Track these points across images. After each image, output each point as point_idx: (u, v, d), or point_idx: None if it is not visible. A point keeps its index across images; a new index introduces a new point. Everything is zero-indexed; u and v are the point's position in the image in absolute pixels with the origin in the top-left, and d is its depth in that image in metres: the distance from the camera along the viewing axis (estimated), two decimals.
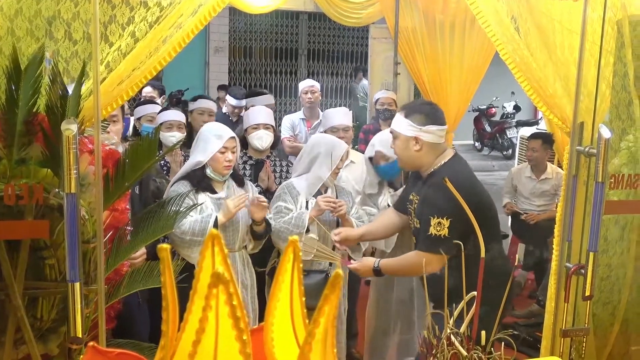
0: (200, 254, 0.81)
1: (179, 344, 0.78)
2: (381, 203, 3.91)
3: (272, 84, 11.77)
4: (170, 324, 0.75)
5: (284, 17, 11.59)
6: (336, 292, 0.70)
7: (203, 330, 0.70)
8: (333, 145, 3.71)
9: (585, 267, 2.87)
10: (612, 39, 2.98)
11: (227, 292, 0.68)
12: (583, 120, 2.88)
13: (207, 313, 0.69)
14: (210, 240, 0.80)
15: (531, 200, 5.75)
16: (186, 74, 10.37)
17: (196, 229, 3.36)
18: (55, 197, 2.46)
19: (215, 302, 0.69)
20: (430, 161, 3.04)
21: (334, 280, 0.69)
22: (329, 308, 0.69)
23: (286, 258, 0.81)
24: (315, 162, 3.67)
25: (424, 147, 3.00)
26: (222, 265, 0.82)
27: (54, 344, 2.73)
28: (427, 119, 3.00)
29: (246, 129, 4.22)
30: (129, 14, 2.57)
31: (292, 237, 0.80)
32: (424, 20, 5.45)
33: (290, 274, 0.81)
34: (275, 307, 0.82)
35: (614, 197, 3.10)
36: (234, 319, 0.69)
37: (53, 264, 2.60)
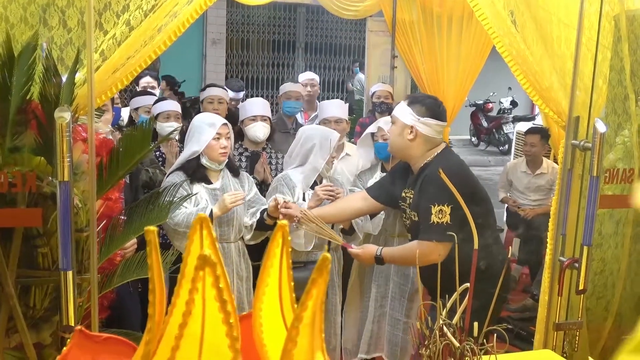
0: (188, 238, 0.80)
1: (166, 327, 0.78)
2: (369, 184, 3.93)
3: (269, 76, 11.74)
4: (157, 307, 0.74)
5: (281, 9, 11.55)
6: (324, 275, 0.69)
7: (189, 312, 0.69)
8: (326, 135, 3.72)
9: (579, 261, 2.87)
10: (609, 33, 2.97)
11: (214, 275, 0.68)
12: (579, 114, 2.88)
13: (194, 295, 0.68)
14: (199, 224, 0.79)
15: (526, 194, 5.76)
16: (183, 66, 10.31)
17: (191, 221, 3.35)
18: (48, 185, 2.45)
19: (201, 284, 0.69)
20: (419, 153, 3.08)
21: (322, 264, 0.68)
22: (317, 292, 0.69)
23: (275, 243, 0.81)
24: (311, 153, 3.68)
25: (417, 138, 3.05)
26: (210, 249, 0.81)
27: (46, 332, 2.72)
28: (428, 111, 3.04)
29: (242, 121, 4.22)
30: (124, 2, 2.56)
31: (280, 221, 0.80)
32: (421, 14, 5.45)
33: (279, 259, 0.80)
34: (264, 293, 0.81)
35: (608, 191, 3.10)
36: (221, 302, 0.68)
37: (46, 253, 2.59)
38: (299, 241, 3.60)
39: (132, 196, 3.50)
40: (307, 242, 3.62)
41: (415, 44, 5.55)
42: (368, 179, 3.97)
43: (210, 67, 11.17)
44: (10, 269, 2.50)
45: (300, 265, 3.61)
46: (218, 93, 4.84)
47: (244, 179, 3.66)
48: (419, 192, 3.04)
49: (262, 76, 11.70)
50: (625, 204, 3.15)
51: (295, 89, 5.26)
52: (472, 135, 14.61)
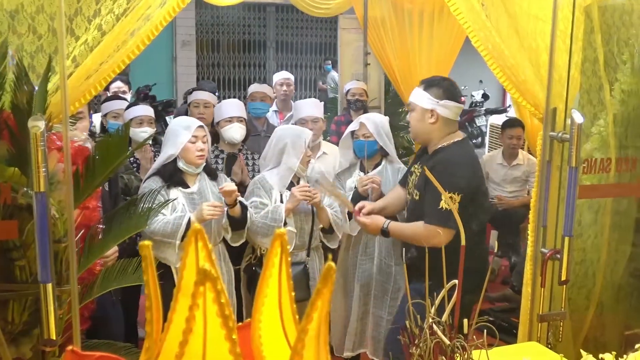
0: (183, 250, 0.77)
1: (164, 344, 0.75)
2: (348, 184, 3.91)
3: (240, 77, 11.66)
4: (155, 325, 0.72)
5: (251, 9, 11.49)
6: (329, 286, 0.67)
7: (190, 330, 0.66)
8: (297, 134, 3.70)
9: (560, 252, 2.88)
10: (582, 24, 2.99)
11: (215, 290, 0.65)
12: (555, 105, 2.89)
13: (195, 312, 0.66)
14: (194, 236, 0.77)
15: (502, 186, 5.80)
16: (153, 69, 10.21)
17: (167, 230, 3.31)
18: (23, 196, 2.39)
19: (202, 300, 0.66)
20: (441, 136, 3.13)
21: (327, 273, 0.66)
22: (322, 303, 0.67)
23: (273, 252, 0.78)
24: (284, 153, 3.66)
25: (438, 121, 3.11)
26: (207, 262, 0.79)
27: (26, 347, 2.66)
28: (445, 93, 3.10)
29: (218, 122, 4.17)
30: (95, 7, 2.51)
31: (279, 230, 0.77)
32: (392, 10, 5.44)
33: (278, 269, 0.78)
34: (263, 304, 0.79)
35: (586, 181, 3.12)
36: (223, 318, 0.66)
37: (23, 265, 2.53)
38: None
39: (111, 204, 3.44)
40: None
41: (388, 41, 5.55)
42: (347, 178, 3.96)
43: (181, 70, 11.07)
44: None
45: None
46: (204, 97, 4.78)
47: (221, 182, 3.62)
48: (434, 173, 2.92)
49: (234, 77, 11.63)
50: (603, 194, 3.18)
51: (260, 90, 5.18)
52: None
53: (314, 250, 3.75)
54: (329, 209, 3.68)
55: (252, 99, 5.16)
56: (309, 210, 3.68)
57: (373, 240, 3.86)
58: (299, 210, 3.65)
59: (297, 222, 3.66)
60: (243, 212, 3.50)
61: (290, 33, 11.92)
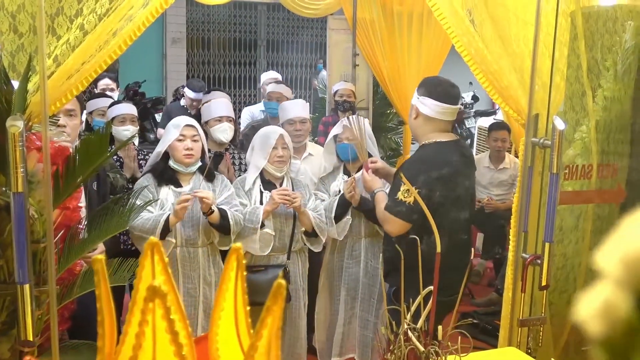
0: (139, 263, 0.77)
1: (118, 357, 0.75)
2: (332, 188, 3.90)
3: (231, 75, 11.64)
4: (107, 339, 0.71)
5: (242, 7, 11.46)
6: (279, 303, 0.67)
7: (140, 345, 0.66)
8: (267, 134, 3.69)
9: (541, 257, 2.89)
10: (566, 30, 3.00)
11: (164, 306, 0.65)
12: (538, 111, 2.90)
13: (144, 328, 0.66)
14: (150, 249, 0.76)
15: (489, 189, 5.81)
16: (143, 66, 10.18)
17: (147, 226, 3.31)
18: (2, 196, 2.38)
19: (151, 316, 0.66)
20: (424, 132, 3.18)
21: (276, 291, 0.66)
22: (272, 319, 0.67)
23: (229, 266, 0.78)
24: (253, 153, 3.66)
25: (419, 117, 3.17)
26: (163, 275, 0.78)
27: (4, 347, 2.64)
28: (427, 91, 3.14)
29: (207, 122, 4.15)
30: (77, 6, 2.49)
31: (234, 244, 0.77)
32: (382, 12, 5.45)
33: (234, 283, 0.78)
34: (220, 317, 0.79)
35: (568, 187, 3.13)
36: (172, 334, 0.66)
37: (2, 265, 2.51)
38: (254, 245, 3.56)
39: (100, 203, 3.42)
40: (263, 246, 3.59)
41: (377, 42, 5.56)
42: (331, 182, 3.95)
43: (171, 67, 11.04)
44: None
45: (261, 269, 3.58)
46: (219, 97, 4.79)
47: (217, 183, 3.60)
48: (402, 166, 3.25)
49: (224, 75, 11.60)
50: (585, 200, 3.20)
51: (277, 90, 5.26)
52: None
53: (296, 254, 3.73)
54: (311, 213, 3.67)
55: (268, 98, 5.20)
56: (290, 213, 3.66)
57: (359, 243, 3.87)
58: (279, 212, 3.63)
59: (276, 224, 3.64)
60: (222, 219, 3.44)
61: (281, 32, 11.91)
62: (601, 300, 0.49)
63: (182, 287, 3.47)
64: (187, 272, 3.48)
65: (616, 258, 0.48)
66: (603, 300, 0.49)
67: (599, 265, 0.51)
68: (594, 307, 0.49)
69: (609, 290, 0.49)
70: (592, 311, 0.49)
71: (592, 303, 0.49)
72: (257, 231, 3.51)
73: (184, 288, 3.47)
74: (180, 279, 3.46)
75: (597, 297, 0.49)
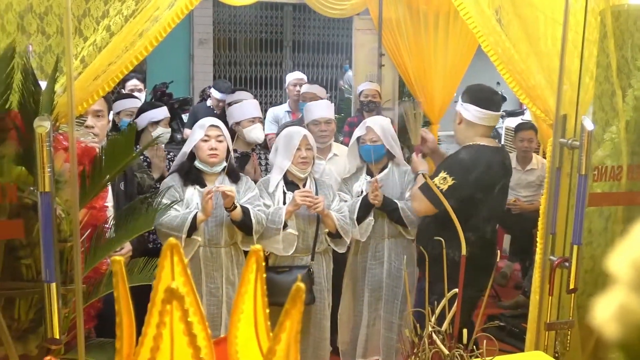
0: (158, 265, 0.77)
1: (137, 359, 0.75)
2: (355, 189, 3.88)
3: (257, 75, 11.67)
4: (125, 341, 0.71)
5: (268, 8, 11.48)
6: (298, 306, 0.66)
7: (158, 348, 0.66)
8: (290, 135, 3.69)
9: (569, 260, 2.85)
10: (595, 29, 2.95)
11: (182, 309, 0.64)
12: (566, 112, 2.86)
13: (162, 330, 0.65)
14: (169, 250, 0.76)
15: (517, 191, 5.74)
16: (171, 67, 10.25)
17: (174, 223, 3.34)
18: (30, 195, 2.41)
19: (169, 318, 0.65)
20: (466, 137, 3.43)
21: (295, 294, 0.65)
22: (291, 323, 0.66)
23: (249, 269, 0.78)
24: (277, 154, 3.66)
25: (462, 123, 3.43)
26: (182, 276, 0.78)
27: (33, 344, 2.68)
28: (470, 98, 3.39)
29: (239, 122, 4.16)
30: (104, 8, 2.51)
31: (254, 246, 0.76)
32: (408, 12, 5.42)
33: (253, 285, 0.77)
34: (239, 320, 0.78)
35: (597, 189, 3.08)
36: (190, 337, 0.65)
37: (30, 264, 2.55)
38: (278, 246, 3.56)
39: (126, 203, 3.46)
40: (286, 246, 3.59)
41: (403, 42, 5.53)
42: (353, 183, 3.93)
43: (198, 68, 11.10)
44: None
45: (285, 270, 3.58)
46: (245, 97, 4.83)
47: (241, 184, 3.61)
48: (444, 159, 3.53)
49: (250, 75, 11.64)
50: (614, 202, 3.14)
51: (310, 90, 5.29)
52: None
53: (320, 255, 3.72)
54: (335, 214, 3.65)
55: (302, 99, 5.24)
56: (314, 215, 3.65)
57: (382, 244, 3.85)
58: (302, 213, 3.63)
59: (299, 225, 3.63)
60: (245, 216, 3.46)
61: (307, 32, 11.90)
62: (616, 304, 0.49)
63: (205, 287, 3.49)
64: (209, 272, 3.50)
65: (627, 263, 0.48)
66: (618, 304, 0.49)
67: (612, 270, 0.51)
68: (610, 311, 0.49)
69: (623, 294, 0.49)
70: (608, 315, 0.49)
71: (607, 307, 0.50)
72: (279, 231, 3.51)
73: (206, 288, 3.49)
74: (203, 279, 3.48)
75: (612, 301, 0.49)
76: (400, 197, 3.84)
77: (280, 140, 3.70)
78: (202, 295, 3.46)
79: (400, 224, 3.80)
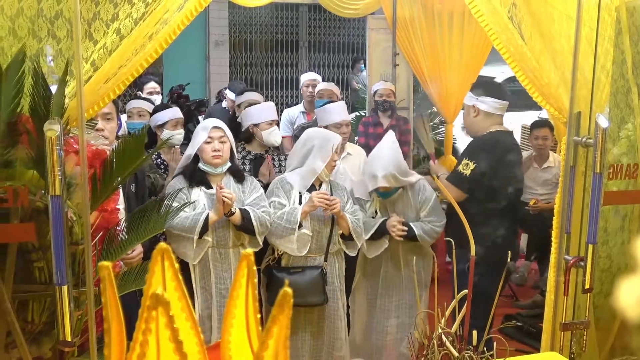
0: (149, 269, 0.76)
1: None
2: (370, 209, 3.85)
3: (273, 76, 11.68)
4: (114, 348, 0.70)
5: (283, 9, 11.49)
6: (285, 311, 0.65)
7: (144, 354, 0.65)
8: (327, 137, 3.67)
9: (584, 260, 2.81)
10: (610, 26, 2.91)
11: (167, 315, 0.64)
12: (581, 109, 2.82)
13: (147, 337, 0.65)
14: (160, 255, 0.75)
15: (533, 188, 5.68)
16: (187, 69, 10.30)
17: (186, 224, 3.36)
18: (41, 199, 2.42)
19: (155, 325, 0.65)
20: (484, 127, 3.80)
21: (282, 300, 0.64)
22: (279, 329, 0.65)
23: (240, 273, 0.77)
24: (309, 155, 3.63)
25: (479, 115, 3.79)
26: (174, 281, 0.77)
27: (46, 346, 2.69)
28: (485, 91, 3.78)
29: (257, 124, 4.14)
30: (113, 11, 2.52)
31: (244, 251, 0.76)
32: (422, 10, 5.38)
33: (244, 290, 0.76)
34: (232, 325, 0.78)
35: (613, 187, 3.04)
36: (176, 343, 0.64)
37: (42, 267, 2.56)
38: (291, 246, 3.55)
39: (138, 205, 3.47)
40: (300, 246, 3.57)
41: (417, 41, 5.49)
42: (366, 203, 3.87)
43: (214, 69, 11.14)
44: (6, 285, 2.47)
45: (299, 270, 3.57)
46: (255, 98, 4.83)
47: (247, 184, 3.62)
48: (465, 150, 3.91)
49: (266, 77, 11.66)
50: (631, 200, 3.09)
51: (327, 87, 5.29)
52: None
53: (333, 255, 3.71)
54: (350, 217, 3.64)
55: (319, 96, 5.26)
56: (329, 215, 3.64)
57: (397, 247, 3.81)
58: (317, 214, 3.62)
59: (314, 226, 3.62)
60: (245, 220, 3.46)
61: (323, 33, 11.90)
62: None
63: (215, 288, 3.50)
64: (219, 273, 3.51)
65: None
66: None
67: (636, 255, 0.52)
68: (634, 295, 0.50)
69: None
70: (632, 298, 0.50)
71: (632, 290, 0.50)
72: (294, 231, 3.51)
73: (216, 289, 3.49)
74: (212, 280, 3.49)
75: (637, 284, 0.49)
76: (415, 217, 3.80)
77: (314, 142, 3.66)
78: (212, 296, 3.47)
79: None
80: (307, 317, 3.65)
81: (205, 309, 3.50)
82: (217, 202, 3.36)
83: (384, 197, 3.78)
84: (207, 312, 3.50)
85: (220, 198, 3.34)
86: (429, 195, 3.79)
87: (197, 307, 3.52)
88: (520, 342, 4.65)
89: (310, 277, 3.53)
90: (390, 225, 3.67)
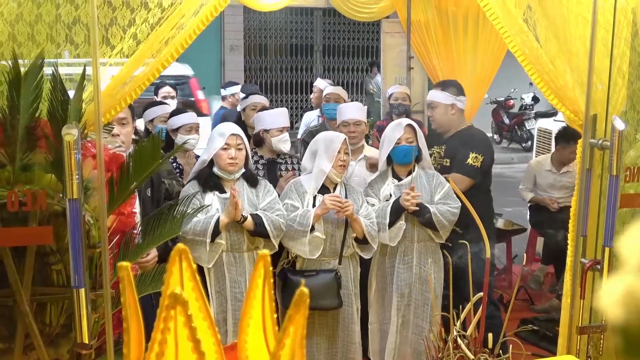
0: (167, 270, 0.77)
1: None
2: (383, 192, 3.85)
3: (287, 80, 11.73)
4: (133, 346, 0.72)
5: (298, 13, 11.54)
6: (302, 311, 0.66)
7: (162, 353, 0.66)
8: (330, 138, 3.70)
9: (601, 263, 2.80)
10: (626, 28, 2.89)
11: (186, 314, 0.65)
12: (597, 112, 2.80)
13: (166, 335, 0.66)
14: (177, 255, 0.76)
15: (551, 193, 5.64)
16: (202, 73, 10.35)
17: (197, 228, 3.37)
18: (59, 202, 2.45)
19: (173, 324, 0.66)
20: (460, 122, 4.19)
21: (299, 299, 0.65)
22: (295, 328, 0.65)
23: (257, 274, 0.77)
24: (316, 157, 3.66)
25: (457, 112, 4.14)
26: (191, 282, 0.78)
27: (64, 349, 2.72)
28: (459, 91, 4.17)
29: (269, 130, 4.16)
30: (130, 16, 2.55)
31: (261, 251, 0.76)
32: (436, 13, 5.38)
33: (261, 290, 0.77)
34: (248, 325, 0.78)
35: (630, 189, 3.01)
36: (194, 342, 0.65)
37: (60, 270, 2.59)
38: (304, 248, 3.56)
39: (154, 209, 3.49)
40: (312, 249, 3.58)
41: (431, 44, 5.49)
42: (380, 186, 3.89)
43: (229, 74, 11.20)
44: (25, 287, 2.50)
45: (313, 274, 3.57)
46: (261, 101, 4.85)
47: (260, 188, 3.63)
48: (459, 144, 4.11)
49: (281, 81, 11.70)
50: None
51: (334, 91, 5.31)
52: (494, 132, 14.42)
53: (347, 259, 3.71)
54: (364, 220, 3.64)
55: (326, 100, 5.25)
56: (342, 218, 3.64)
57: (411, 248, 3.80)
58: (330, 217, 3.62)
59: (327, 229, 3.63)
60: (258, 225, 3.47)
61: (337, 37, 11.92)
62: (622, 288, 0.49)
63: (230, 291, 3.50)
64: (233, 277, 3.52)
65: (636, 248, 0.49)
66: (624, 288, 0.49)
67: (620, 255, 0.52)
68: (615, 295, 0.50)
69: (630, 278, 0.49)
70: (613, 298, 0.50)
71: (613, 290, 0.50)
72: (306, 234, 3.51)
73: (231, 293, 3.50)
74: (227, 284, 3.50)
75: (618, 284, 0.49)
76: (430, 201, 3.79)
77: (319, 144, 3.69)
78: (227, 300, 3.48)
79: (431, 228, 3.76)
80: (321, 320, 3.66)
81: (220, 312, 3.51)
82: (230, 205, 3.38)
83: (404, 159, 3.79)
84: (222, 315, 3.51)
85: (234, 202, 3.35)
86: (443, 180, 3.84)
87: (213, 310, 3.53)
88: (537, 346, 4.62)
89: (324, 281, 3.53)
90: (403, 200, 3.66)
